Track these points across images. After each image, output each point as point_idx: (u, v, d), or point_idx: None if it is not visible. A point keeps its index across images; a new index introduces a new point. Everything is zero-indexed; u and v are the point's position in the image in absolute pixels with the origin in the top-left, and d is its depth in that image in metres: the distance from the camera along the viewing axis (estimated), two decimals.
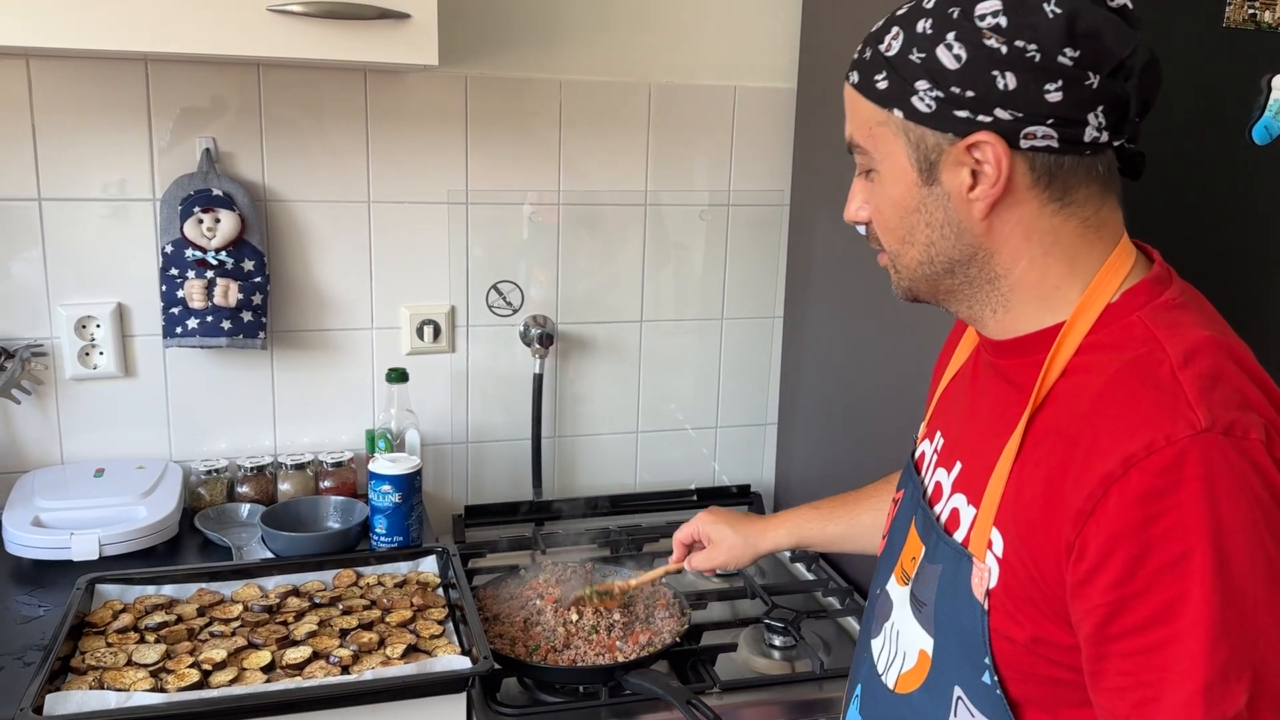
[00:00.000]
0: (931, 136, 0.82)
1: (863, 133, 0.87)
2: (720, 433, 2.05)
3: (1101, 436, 0.75)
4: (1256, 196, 1.39)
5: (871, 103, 0.85)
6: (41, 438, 1.67)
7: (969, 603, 0.84)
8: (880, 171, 0.87)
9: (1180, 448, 0.71)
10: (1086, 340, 0.82)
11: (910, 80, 0.82)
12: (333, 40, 1.38)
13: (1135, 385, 0.76)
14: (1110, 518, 0.72)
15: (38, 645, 1.28)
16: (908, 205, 0.86)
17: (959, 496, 0.90)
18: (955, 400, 1.00)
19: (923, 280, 0.89)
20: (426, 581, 1.46)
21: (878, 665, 0.98)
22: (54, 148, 1.58)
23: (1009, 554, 0.81)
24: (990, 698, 0.83)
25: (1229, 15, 1.32)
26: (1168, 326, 0.80)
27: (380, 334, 1.80)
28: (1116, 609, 0.73)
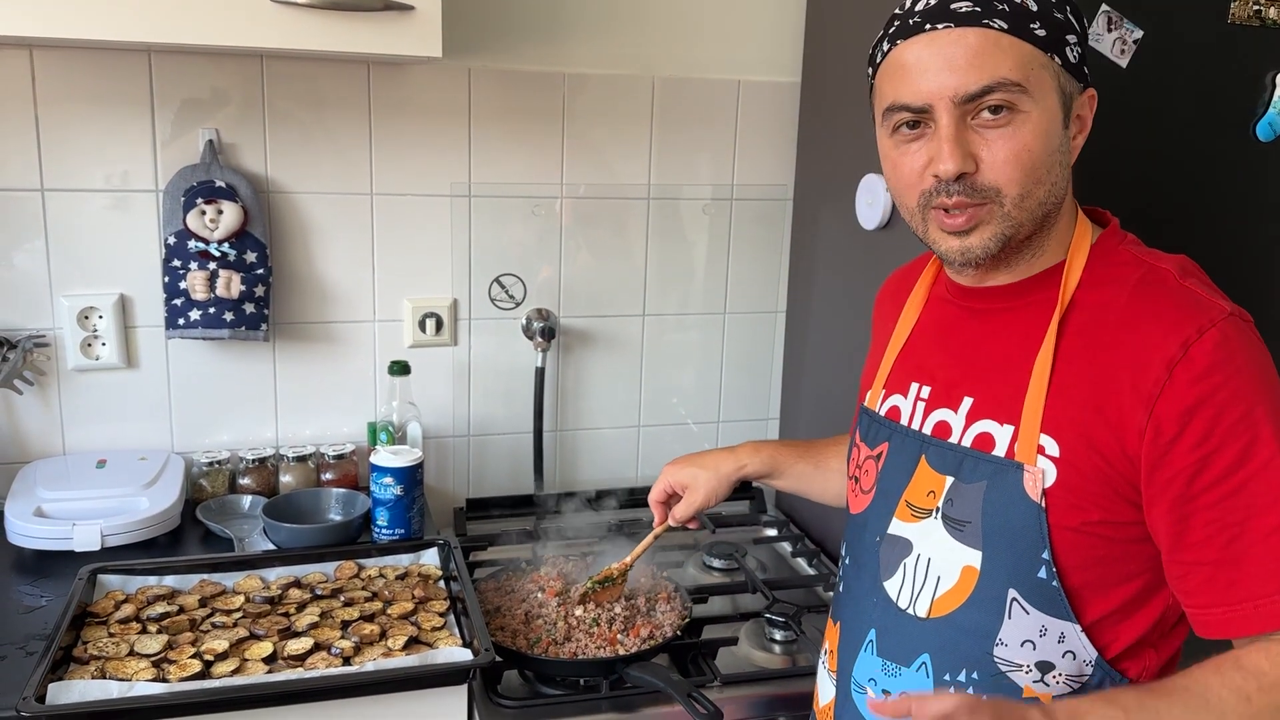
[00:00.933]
0: (1072, 84, 0.94)
1: (1021, 72, 0.91)
2: (722, 427, 2.05)
3: (1149, 333, 0.89)
4: (1260, 192, 1.39)
5: (1033, 46, 0.91)
6: (44, 428, 1.67)
7: (1023, 505, 0.94)
8: (1030, 113, 0.92)
9: (1221, 327, 0.87)
10: (1085, 275, 0.96)
11: (1065, 31, 0.92)
12: (337, 31, 1.37)
13: (1157, 292, 0.92)
14: (1180, 392, 0.86)
15: (40, 635, 1.28)
16: (1053, 143, 0.94)
17: (985, 423, 0.98)
18: (927, 353, 1.09)
19: (1031, 222, 0.95)
20: (428, 574, 1.46)
21: (899, 602, 1.04)
22: (57, 138, 1.58)
23: (1066, 452, 0.92)
24: (1046, 590, 0.93)
25: (1234, 12, 1.32)
26: (1150, 254, 0.97)
27: (382, 326, 1.80)
28: (1200, 466, 0.86)
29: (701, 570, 1.71)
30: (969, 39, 0.91)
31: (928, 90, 0.92)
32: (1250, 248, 1.41)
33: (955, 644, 0.99)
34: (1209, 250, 1.38)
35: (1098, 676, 0.95)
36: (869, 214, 1.61)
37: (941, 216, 0.96)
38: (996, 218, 0.94)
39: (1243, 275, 1.42)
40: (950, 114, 0.92)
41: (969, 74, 0.91)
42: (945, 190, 0.94)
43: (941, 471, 1.01)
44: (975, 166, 0.92)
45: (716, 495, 1.37)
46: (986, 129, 0.92)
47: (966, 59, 0.91)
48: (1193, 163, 1.35)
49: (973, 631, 0.97)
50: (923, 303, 1.12)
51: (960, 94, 0.91)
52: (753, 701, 1.35)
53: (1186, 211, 1.36)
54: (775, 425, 2.06)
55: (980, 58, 0.90)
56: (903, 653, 1.03)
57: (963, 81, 0.91)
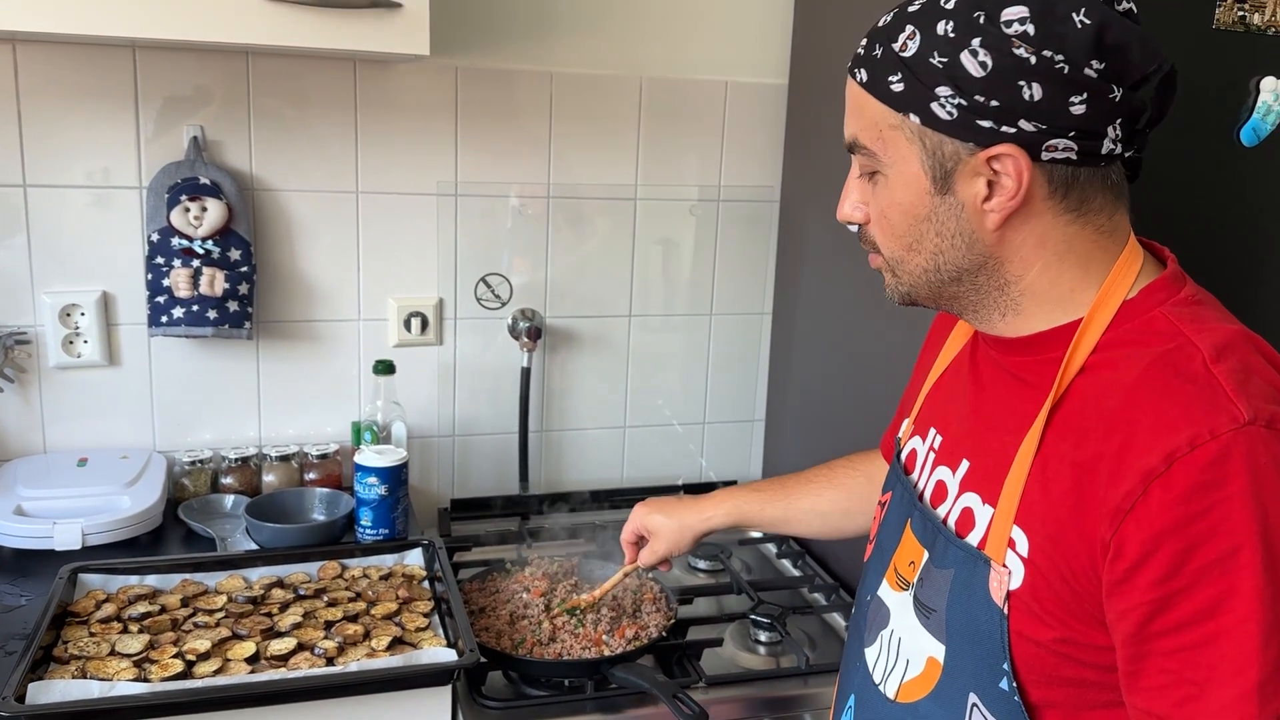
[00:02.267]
0: (950, 145, 0.80)
1: (870, 134, 0.84)
2: (708, 428, 2.05)
3: (1138, 432, 0.73)
4: (1245, 198, 1.40)
5: (884, 104, 0.82)
6: (24, 426, 1.65)
7: (986, 607, 0.82)
8: (888, 176, 0.84)
9: (1224, 442, 0.70)
10: (1106, 337, 0.81)
11: (930, 85, 0.79)
12: (324, 29, 1.37)
13: (1169, 379, 0.74)
14: (1152, 515, 0.71)
15: (20, 635, 1.27)
16: (918, 213, 0.83)
17: (971, 496, 0.88)
18: (951, 397, 0.99)
19: (925, 287, 0.88)
20: (412, 574, 1.45)
21: (873, 674, 0.96)
22: (40, 134, 1.57)
23: (1035, 554, 0.79)
24: (1008, 704, 0.82)
25: (1218, 17, 1.32)
26: (1193, 321, 0.79)
27: (367, 325, 1.79)
28: (1160, 606, 0.71)
29: (687, 571, 1.71)
30: (850, 89, 0.87)
31: None
32: (1234, 252, 1.42)
33: None
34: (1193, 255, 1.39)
35: None
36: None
37: None
38: (886, 270, 0.90)
39: (1227, 280, 1.42)
40: (854, 160, 0.89)
41: (846, 125, 0.87)
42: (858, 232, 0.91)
43: (921, 543, 0.92)
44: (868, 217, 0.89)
45: (679, 547, 1.35)
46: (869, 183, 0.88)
47: (848, 109, 0.87)
48: (1177, 168, 1.36)
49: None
50: (967, 334, 1.01)
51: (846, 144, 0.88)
52: (738, 702, 1.34)
53: (1171, 217, 1.37)
54: (760, 427, 2.06)
55: (851, 111, 0.86)
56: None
57: (845, 131, 0.88)
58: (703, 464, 2.05)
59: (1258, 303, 1.45)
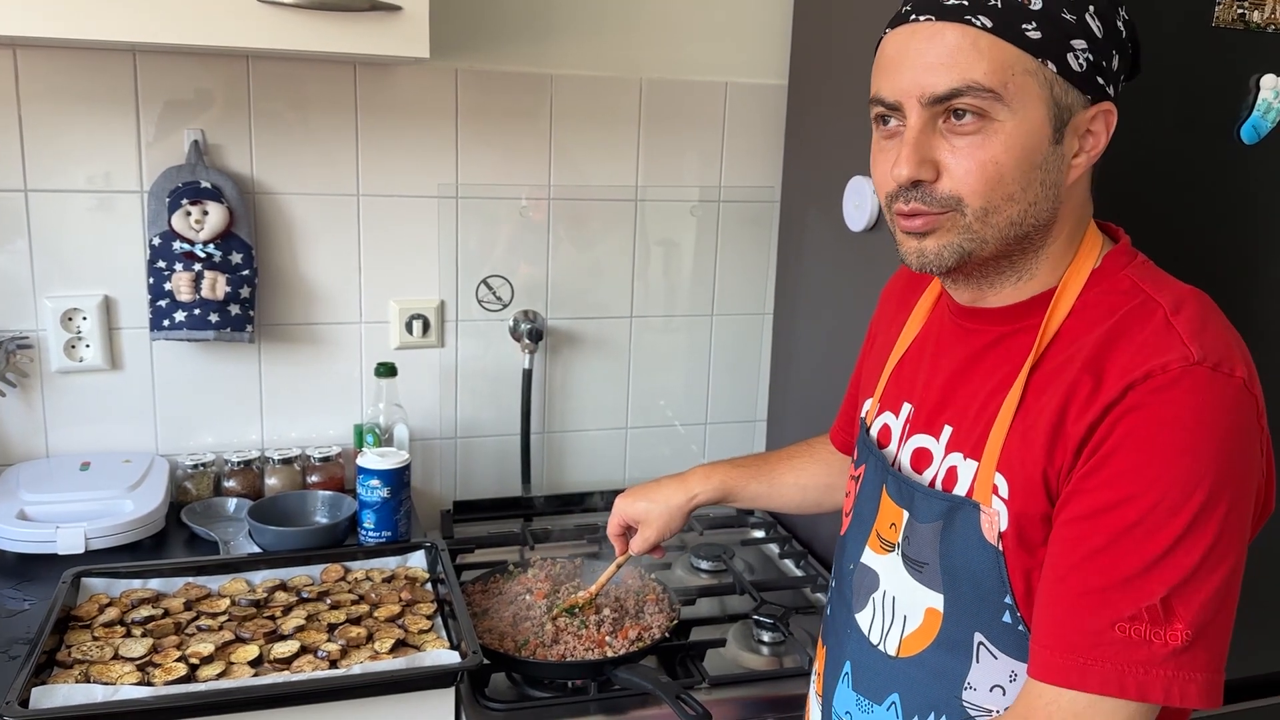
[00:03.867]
0: (1072, 95, 0.85)
1: (997, 78, 0.83)
2: (710, 429, 2.05)
3: (1106, 377, 0.81)
4: (1245, 196, 1.40)
5: (1019, 50, 0.83)
6: (27, 431, 1.66)
7: (981, 548, 0.88)
8: (1004, 122, 0.84)
9: (1174, 374, 0.78)
10: (1078, 302, 0.89)
11: (1069, 36, 0.83)
12: (324, 32, 1.37)
13: (1133, 330, 0.83)
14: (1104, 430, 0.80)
15: (23, 639, 1.27)
16: (1033, 160, 0.85)
17: (955, 455, 0.93)
18: (919, 371, 1.03)
19: (999, 243, 0.88)
20: (415, 576, 1.46)
21: (869, 636, 1.00)
22: (41, 139, 1.57)
23: (1015, 495, 0.86)
24: (1013, 634, 0.88)
25: (1218, 15, 1.32)
26: (1153, 281, 0.88)
27: (369, 328, 1.79)
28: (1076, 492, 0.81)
29: (689, 572, 1.71)
30: (946, 35, 0.84)
31: (899, 87, 0.87)
32: (1235, 250, 1.42)
33: (924, 685, 0.94)
34: (1192, 253, 1.39)
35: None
36: (856, 216, 1.61)
37: (898, 218, 0.90)
38: (957, 228, 0.87)
39: (1226, 277, 1.43)
40: (918, 114, 0.86)
41: (939, 74, 0.84)
42: (903, 195, 0.88)
43: (899, 504, 0.97)
44: (936, 174, 0.86)
45: (670, 529, 1.35)
46: (955, 135, 0.85)
47: (939, 57, 0.84)
48: (1177, 165, 1.36)
49: (941, 674, 0.92)
50: (927, 313, 1.06)
51: (927, 94, 0.85)
52: (741, 703, 1.34)
53: (1171, 214, 1.37)
54: (762, 427, 2.06)
55: (954, 57, 0.83)
56: (875, 689, 0.99)
57: (931, 81, 0.84)
58: None
59: (1258, 299, 1.44)
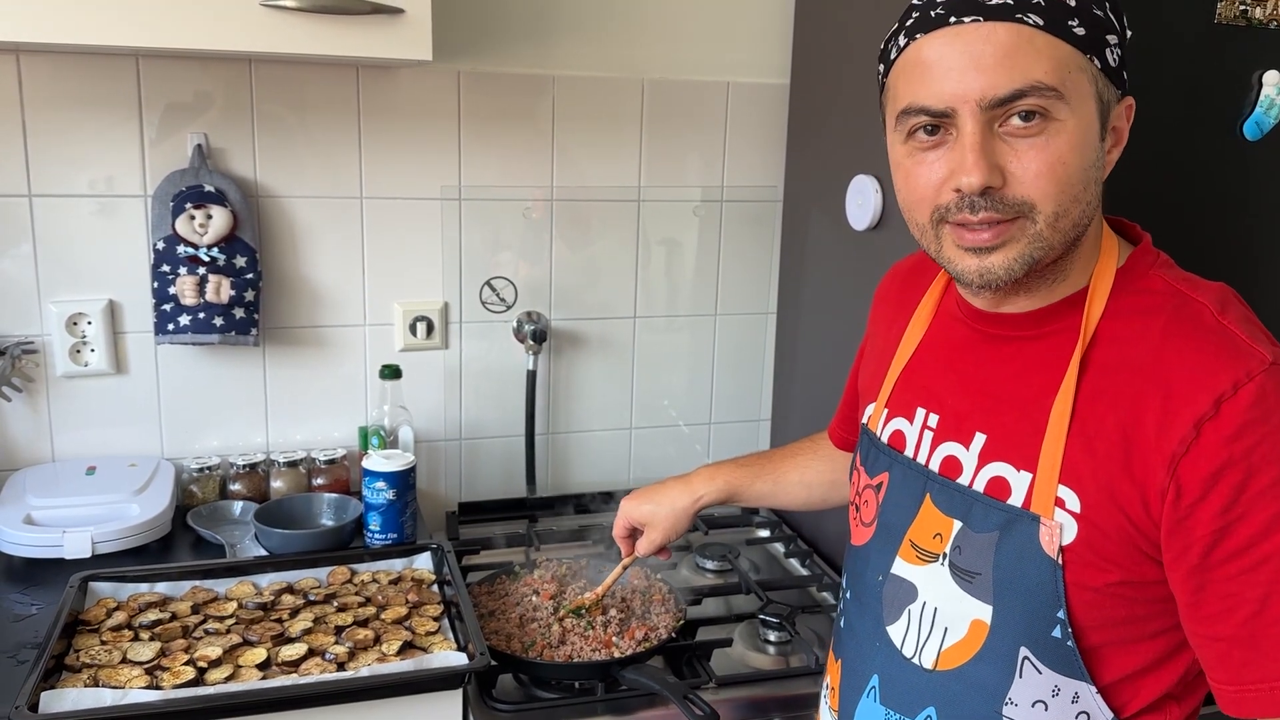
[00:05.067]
0: (1110, 90, 0.84)
1: (1058, 76, 0.80)
2: (714, 429, 2.05)
3: (1176, 382, 0.80)
4: (1247, 192, 1.40)
5: (1071, 46, 0.80)
6: (33, 435, 1.66)
7: (1038, 561, 0.86)
8: (1065, 121, 0.81)
9: (1260, 381, 0.78)
10: (1111, 303, 0.87)
11: (1103, 32, 0.82)
12: (326, 35, 1.37)
13: (1191, 333, 0.82)
14: (1209, 454, 0.77)
15: (31, 644, 1.27)
16: (1090, 158, 0.83)
17: (1000, 465, 0.90)
18: (935, 377, 1.00)
19: (1062, 245, 0.85)
20: (421, 578, 1.46)
21: (903, 650, 0.97)
22: (45, 144, 1.57)
23: (1087, 509, 0.84)
24: (1061, 650, 0.86)
25: (1220, 11, 1.32)
26: (1185, 281, 0.87)
27: (373, 330, 1.79)
28: (1221, 535, 0.78)
29: (695, 572, 1.71)
30: (999, 35, 0.80)
31: (950, 92, 0.81)
32: (1237, 246, 1.42)
33: (962, 699, 0.92)
34: (1196, 249, 1.39)
35: None
36: (859, 215, 1.61)
37: (961, 231, 0.85)
38: (1027, 236, 0.83)
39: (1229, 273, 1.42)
40: (976, 120, 0.81)
41: (998, 75, 0.80)
42: (969, 205, 0.83)
43: (949, 514, 0.93)
44: (1002, 180, 0.82)
45: (676, 530, 1.35)
46: (1016, 138, 0.81)
47: (996, 58, 0.80)
48: (1180, 162, 1.36)
49: (981, 688, 0.90)
50: (930, 316, 1.03)
51: (988, 98, 0.80)
52: (748, 702, 1.35)
53: (1173, 211, 1.37)
54: (767, 427, 2.06)
55: (1012, 57, 0.80)
56: (907, 704, 0.96)
57: (991, 83, 0.80)
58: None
59: (1261, 296, 1.43)
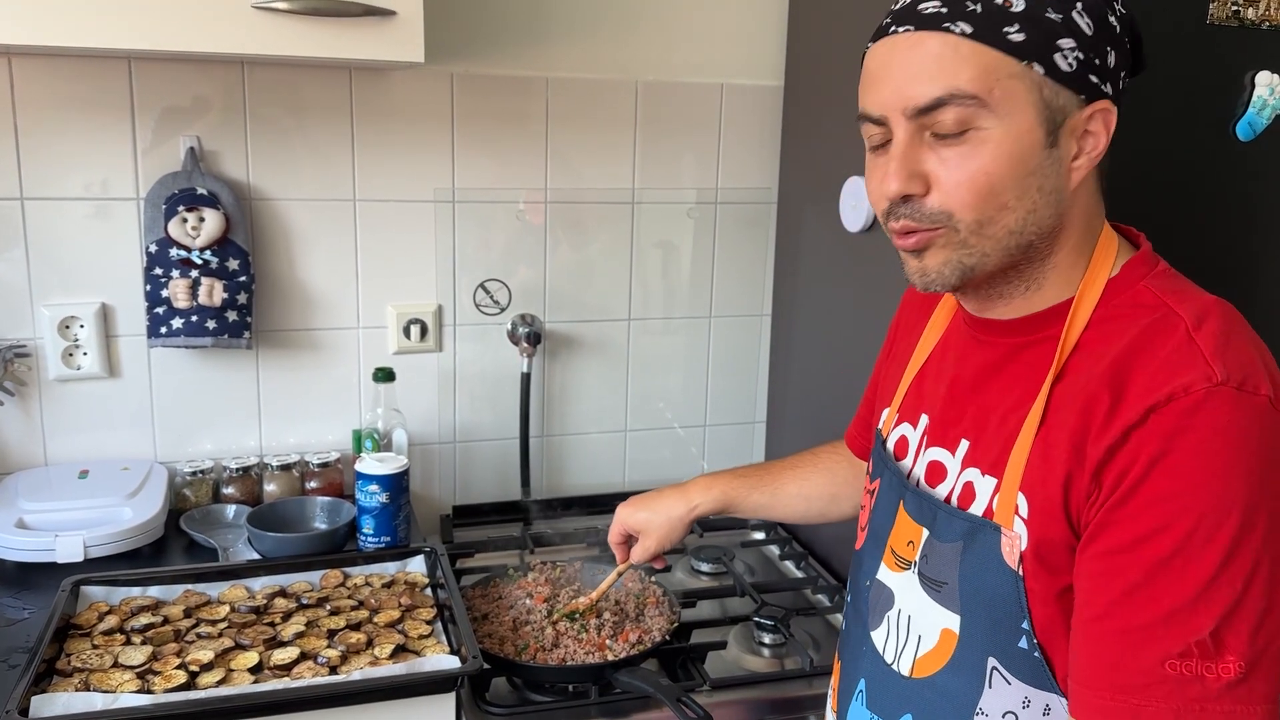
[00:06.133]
0: (1064, 96, 0.81)
1: (981, 84, 0.80)
2: (709, 431, 2.05)
3: (1126, 394, 0.78)
4: (1240, 193, 1.40)
5: (1003, 54, 0.80)
6: (25, 439, 1.65)
7: (1000, 571, 0.86)
8: (992, 129, 0.81)
9: (1197, 397, 0.75)
10: (1097, 313, 0.85)
11: (1054, 36, 0.80)
12: (318, 37, 1.37)
13: (1154, 347, 0.80)
14: (1127, 456, 0.77)
15: (23, 648, 1.27)
16: (1026, 166, 0.82)
17: (972, 471, 0.91)
18: (936, 383, 1.00)
19: (1001, 254, 0.85)
20: (414, 581, 1.45)
21: (884, 655, 0.98)
22: (37, 146, 1.57)
23: (1035, 514, 0.84)
24: (1028, 661, 0.85)
25: (1212, 12, 1.32)
26: (1175, 293, 0.84)
27: (367, 333, 1.79)
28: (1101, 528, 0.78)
29: (689, 574, 1.71)
30: (927, 45, 0.81)
31: (883, 100, 0.84)
32: (1230, 247, 1.42)
33: (937, 707, 0.92)
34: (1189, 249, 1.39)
35: None
36: (853, 217, 1.61)
37: (894, 235, 0.88)
38: (952, 244, 0.85)
39: (1223, 274, 1.42)
40: (904, 128, 0.83)
41: (920, 84, 0.81)
42: (891, 212, 0.86)
43: (919, 522, 0.94)
44: (926, 188, 0.84)
45: (670, 539, 1.34)
46: (943, 146, 0.83)
47: (921, 67, 0.82)
48: (1173, 163, 1.36)
49: (953, 697, 0.90)
50: (945, 322, 1.03)
51: (910, 106, 0.82)
52: (743, 705, 1.34)
53: (1166, 211, 1.37)
54: (761, 429, 2.06)
55: (936, 66, 0.81)
56: (889, 709, 0.97)
57: (915, 92, 0.82)
58: (704, 466, 2.05)
59: (1255, 298, 1.44)
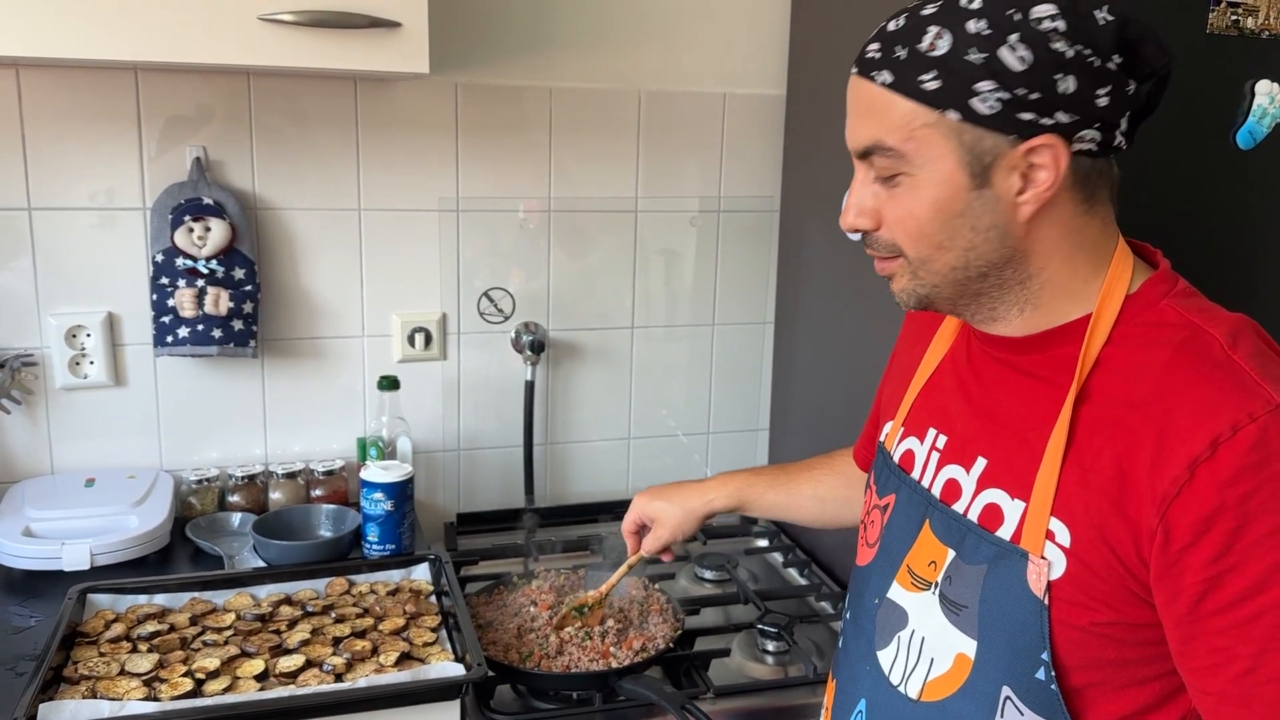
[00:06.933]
0: (990, 139, 0.81)
1: (898, 135, 0.83)
2: (712, 438, 2.05)
3: (1176, 418, 0.76)
4: (1241, 201, 1.41)
5: (917, 103, 0.82)
6: (32, 447, 1.66)
7: (1024, 599, 0.84)
8: (916, 175, 0.84)
9: (1262, 424, 0.73)
10: (1118, 330, 0.84)
11: (970, 81, 0.80)
12: (324, 49, 1.38)
13: (1196, 366, 0.78)
14: (1201, 498, 0.74)
15: (30, 656, 1.27)
16: (952, 210, 0.84)
17: (995, 493, 0.89)
18: (948, 398, 0.99)
19: (949, 286, 0.88)
20: (419, 589, 1.46)
21: (890, 676, 0.96)
22: (44, 157, 1.58)
23: (1077, 544, 0.82)
24: (1044, 693, 0.84)
25: (1212, 21, 1.33)
26: (1200, 311, 0.83)
27: (371, 341, 1.80)
28: (1212, 585, 0.74)
29: (693, 582, 1.72)
30: (861, 92, 0.86)
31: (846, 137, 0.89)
32: (1231, 256, 1.42)
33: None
34: (1190, 258, 1.39)
35: None
36: None
37: None
38: (906, 273, 0.89)
39: (1224, 283, 1.43)
40: (858, 166, 0.88)
41: (858, 129, 0.87)
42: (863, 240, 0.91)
43: (945, 542, 0.92)
44: (877, 223, 0.88)
45: (683, 531, 1.35)
46: (881, 187, 0.87)
47: (857, 113, 0.87)
48: (1173, 172, 1.36)
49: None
50: (952, 335, 1.03)
51: (853, 150, 0.87)
52: (746, 713, 1.34)
53: (1166, 221, 1.37)
54: (765, 436, 2.06)
55: (866, 115, 0.85)
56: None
57: (854, 136, 0.87)
58: (707, 473, 2.04)
59: (1255, 305, 1.44)
